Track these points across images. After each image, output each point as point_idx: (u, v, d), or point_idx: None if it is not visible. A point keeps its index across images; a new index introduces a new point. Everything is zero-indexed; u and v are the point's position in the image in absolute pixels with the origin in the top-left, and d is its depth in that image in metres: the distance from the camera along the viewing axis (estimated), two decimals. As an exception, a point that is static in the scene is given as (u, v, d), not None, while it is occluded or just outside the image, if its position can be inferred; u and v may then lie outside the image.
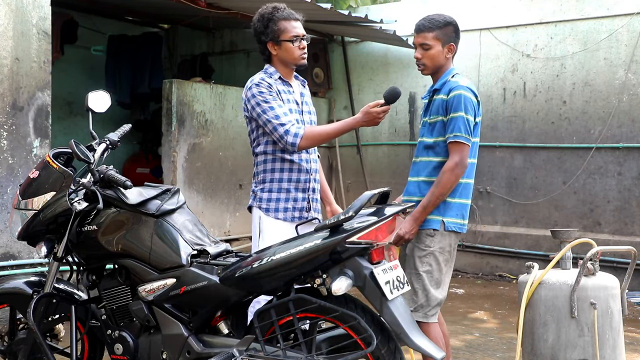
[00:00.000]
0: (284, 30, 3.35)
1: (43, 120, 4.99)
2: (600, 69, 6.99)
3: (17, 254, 4.89)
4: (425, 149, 3.34)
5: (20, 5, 4.83)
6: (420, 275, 3.25)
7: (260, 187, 3.40)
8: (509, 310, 5.92)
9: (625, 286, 3.38)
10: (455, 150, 3.18)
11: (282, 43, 3.36)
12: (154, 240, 2.94)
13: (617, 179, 6.91)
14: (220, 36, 9.55)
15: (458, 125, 3.18)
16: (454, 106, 3.20)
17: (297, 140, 3.23)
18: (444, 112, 3.24)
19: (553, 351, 3.19)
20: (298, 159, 3.38)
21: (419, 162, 3.36)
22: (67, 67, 8.40)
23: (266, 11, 3.40)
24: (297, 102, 3.46)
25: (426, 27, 3.32)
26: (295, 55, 3.38)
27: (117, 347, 2.99)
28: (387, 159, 8.40)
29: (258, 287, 2.77)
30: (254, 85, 3.33)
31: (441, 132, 3.26)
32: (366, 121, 3.23)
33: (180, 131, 6.75)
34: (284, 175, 3.37)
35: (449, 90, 3.24)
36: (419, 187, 3.31)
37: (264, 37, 3.39)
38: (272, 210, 3.35)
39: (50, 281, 3.11)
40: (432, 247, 3.25)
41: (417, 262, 3.27)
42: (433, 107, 3.33)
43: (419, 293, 3.24)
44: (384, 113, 3.22)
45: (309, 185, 3.43)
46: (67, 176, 3.03)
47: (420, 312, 3.23)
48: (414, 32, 3.38)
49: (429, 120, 3.34)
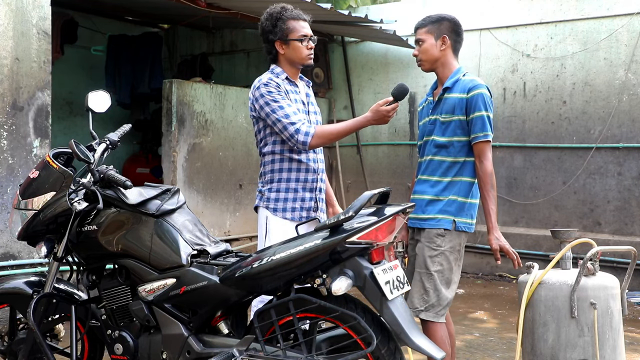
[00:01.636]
0: (293, 29, 3.35)
1: (43, 120, 5.00)
2: (600, 69, 6.99)
3: (17, 254, 4.89)
4: (436, 147, 3.32)
5: (20, 5, 4.83)
6: (432, 275, 3.25)
7: (267, 187, 3.39)
8: (509, 310, 5.92)
9: (625, 286, 3.37)
10: (486, 149, 3.23)
11: (291, 42, 3.36)
12: (154, 240, 2.94)
13: (617, 179, 6.91)
14: (220, 36, 9.56)
15: (485, 125, 3.21)
16: (477, 105, 3.21)
17: (308, 139, 3.22)
18: (463, 112, 3.24)
19: (553, 351, 3.19)
20: (306, 159, 3.38)
21: (432, 161, 3.33)
22: (67, 67, 8.41)
23: (275, 10, 3.40)
24: (303, 102, 3.46)
25: (420, 25, 3.38)
26: (303, 55, 3.38)
27: (117, 347, 2.99)
28: (387, 159, 8.40)
29: (258, 287, 2.77)
30: (262, 85, 3.32)
31: (456, 131, 3.26)
32: (376, 119, 3.22)
33: (180, 131, 6.75)
34: (292, 175, 3.36)
35: (468, 89, 3.24)
36: (433, 186, 3.30)
37: (272, 35, 3.38)
38: (279, 210, 3.34)
39: (50, 281, 3.10)
40: (443, 246, 3.25)
41: (429, 261, 3.26)
42: (445, 106, 3.30)
43: (431, 293, 3.25)
44: (394, 111, 3.20)
45: (316, 185, 3.43)
46: (67, 176, 3.03)
47: (431, 311, 3.24)
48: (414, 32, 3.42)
49: (442, 119, 3.31)
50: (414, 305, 3.24)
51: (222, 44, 9.58)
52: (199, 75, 8.39)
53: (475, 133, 3.23)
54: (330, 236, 2.59)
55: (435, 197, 3.27)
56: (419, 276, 3.28)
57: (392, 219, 2.66)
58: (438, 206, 3.27)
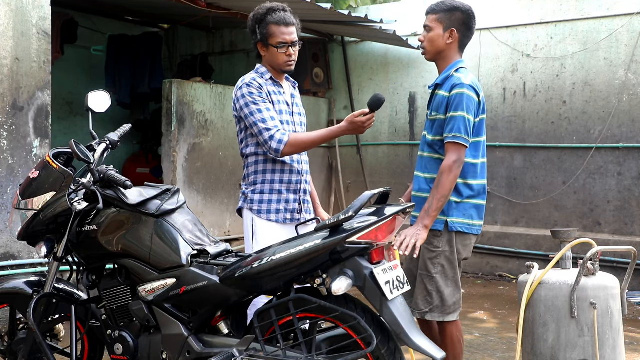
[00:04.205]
0: (272, 34, 3.31)
1: (43, 120, 5.00)
2: (600, 69, 6.99)
3: (17, 254, 4.89)
4: (426, 144, 3.30)
5: (20, 5, 4.83)
6: (433, 277, 3.20)
7: (251, 189, 3.37)
8: (509, 310, 5.92)
9: (625, 286, 3.37)
10: (453, 150, 3.09)
11: (270, 47, 3.34)
12: (154, 240, 2.94)
13: (617, 179, 6.91)
14: (220, 36, 9.56)
15: (458, 126, 3.08)
16: (455, 105, 3.10)
17: (281, 147, 3.20)
18: (444, 110, 3.16)
19: (553, 351, 3.19)
20: (290, 160, 3.36)
21: (425, 157, 3.30)
22: (67, 67, 8.41)
23: (259, 12, 3.36)
24: (287, 104, 3.43)
25: (432, 9, 3.24)
26: (280, 62, 3.35)
27: (117, 347, 2.99)
28: (387, 159, 8.40)
29: (258, 287, 2.77)
30: (245, 85, 3.31)
31: (439, 130, 3.19)
32: (351, 130, 3.22)
33: (180, 131, 6.75)
34: (276, 176, 3.34)
35: (451, 87, 3.15)
36: (428, 183, 3.25)
37: (254, 36, 3.38)
38: (264, 212, 3.33)
39: (50, 281, 3.11)
40: (440, 247, 3.20)
41: (429, 264, 3.21)
42: (434, 103, 3.26)
43: (433, 295, 3.20)
44: (370, 121, 3.17)
45: (300, 186, 3.41)
46: (67, 176, 3.03)
47: (436, 312, 3.21)
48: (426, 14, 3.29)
49: (430, 117, 3.28)
50: (419, 308, 3.22)
51: (222, 44, 9.58)
52: (199, 75, 8.39)
53: (447, 132, 3.12)
54: (330, 236, 2.59)
55: (427, 194, 3.17)
56: (420, 278, 3.24)
57: (392, 219, 2.66)
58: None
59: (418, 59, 7.87)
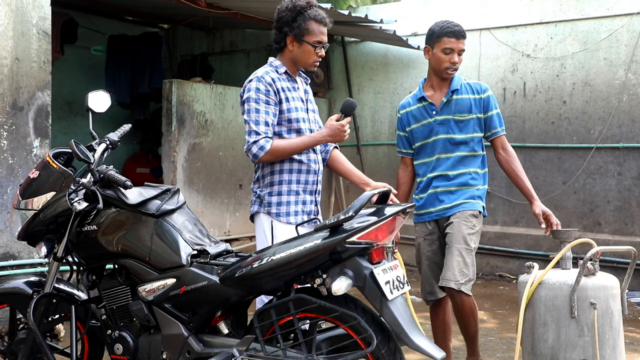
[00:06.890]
0: (311, 32, 3.21)
1: (43, 120, 5.00)
2: (600, 69, 6.99)
3: (17, 254, 4.89)
4: (453, 145, 3.62)
5: (20, 5, 4.83)
6: (472, 250, 3.54)
7: (267, 191, 3.26)
8: (509, 310, 5.92)
9: (625, 286, 3.37)
10: (506, 140, 3.74)
11: (304, 43, 3.23)
12: (154, 240, 2.94)
13: (617, 179, 6.91)
14: (220, 36, 9.56)
15: (501, 120, 3.73)
16: (492, 104, 3.67)
17: (261, 154, 3.16)
18: (480, 110, 3.64)
19: (553, 351, 3.19)
20: (307, 159, 3.29)
21: (456, 157, 3.63)
22: (67, 67, 8.41)
23: (300, 3, 3.21)
24: (302, 100, 3.37)
25: (463, 35, 3.60)
26: (310, 61, 3.28)
27: (117, 347, 2.99)
28: (387, 159, 8.40)
29: (258, 287, 2.77)
30: (256, 79, 3.24)
31: (475, 128, 3.64)
32: (331, 135, 3.24)
33: (180, 131, 6.75)
34: (293, 176, 3.26)
35: (479, 90, 3.66)
36: (455, 177, 3.63)
37: (287, 28, 3.23)
38: (283, 214, 3.23)
39: (50, 281, 3.11)
40: (477, 227, 3.60)
41: (468, 238, 3.53)
42: (458, 106, 3.63)
43: (470, 267, 3.52)
44: (346, 125, 3.26)
45: (315, 187, 3.35)
46: (67, 176, 3.03)
47: (468, 285, 3.52)
48: (453, 37, 3.56)
49: (457, 118, 3.62)
50: (456, 278, 3.48)
51: (222, 44, 9.58)
52: (199, 75, 8.39)
53: (496, 127, 3.69)
54: (330, 236, 2.59)
55: (459, 187, 3.61)
56: (458, 251, 3.51)
57: (392, 219, 2.66)
58: (468, 193, 3.60)
59: (418, 59, 7.86)
